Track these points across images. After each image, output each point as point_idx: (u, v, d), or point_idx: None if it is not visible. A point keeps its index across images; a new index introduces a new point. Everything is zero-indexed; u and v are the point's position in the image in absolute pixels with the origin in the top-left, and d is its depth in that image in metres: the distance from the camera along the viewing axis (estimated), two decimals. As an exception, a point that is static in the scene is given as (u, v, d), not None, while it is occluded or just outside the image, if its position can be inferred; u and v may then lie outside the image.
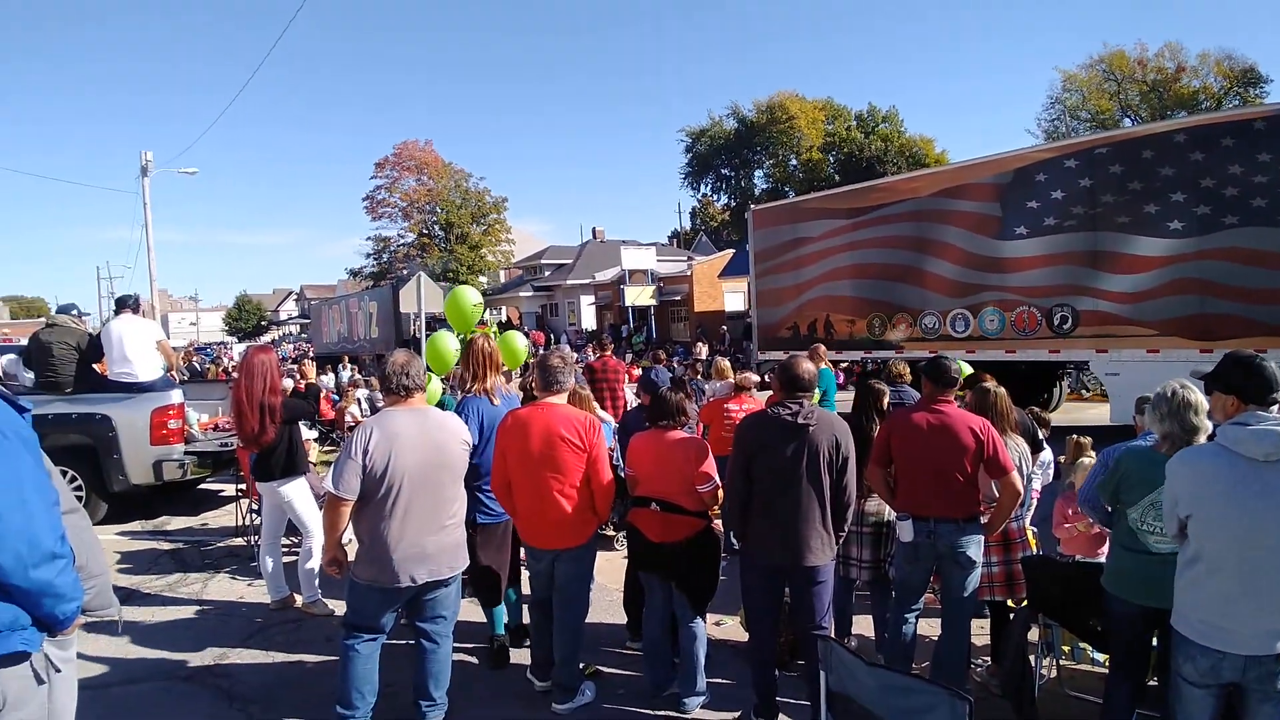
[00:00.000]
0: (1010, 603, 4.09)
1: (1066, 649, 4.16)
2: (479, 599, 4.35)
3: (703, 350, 25.04)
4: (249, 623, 5.01)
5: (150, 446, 7.19)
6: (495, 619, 4.33)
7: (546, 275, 43.51)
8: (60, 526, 2.00)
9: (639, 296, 32.10)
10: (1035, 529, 4.64)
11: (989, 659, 4.16)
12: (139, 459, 7.19)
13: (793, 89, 49.76)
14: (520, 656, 4.28)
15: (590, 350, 23.23)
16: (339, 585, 3.78)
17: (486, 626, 4.37)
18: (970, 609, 3.70)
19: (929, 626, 4.18)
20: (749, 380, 6.65)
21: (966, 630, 3.71)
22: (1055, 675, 4.04)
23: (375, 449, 3.28)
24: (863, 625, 4.56)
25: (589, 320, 38.48)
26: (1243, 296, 8.97)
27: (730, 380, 6.97)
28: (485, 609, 4.33)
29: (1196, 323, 9.31)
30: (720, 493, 3.78)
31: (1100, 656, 4.00)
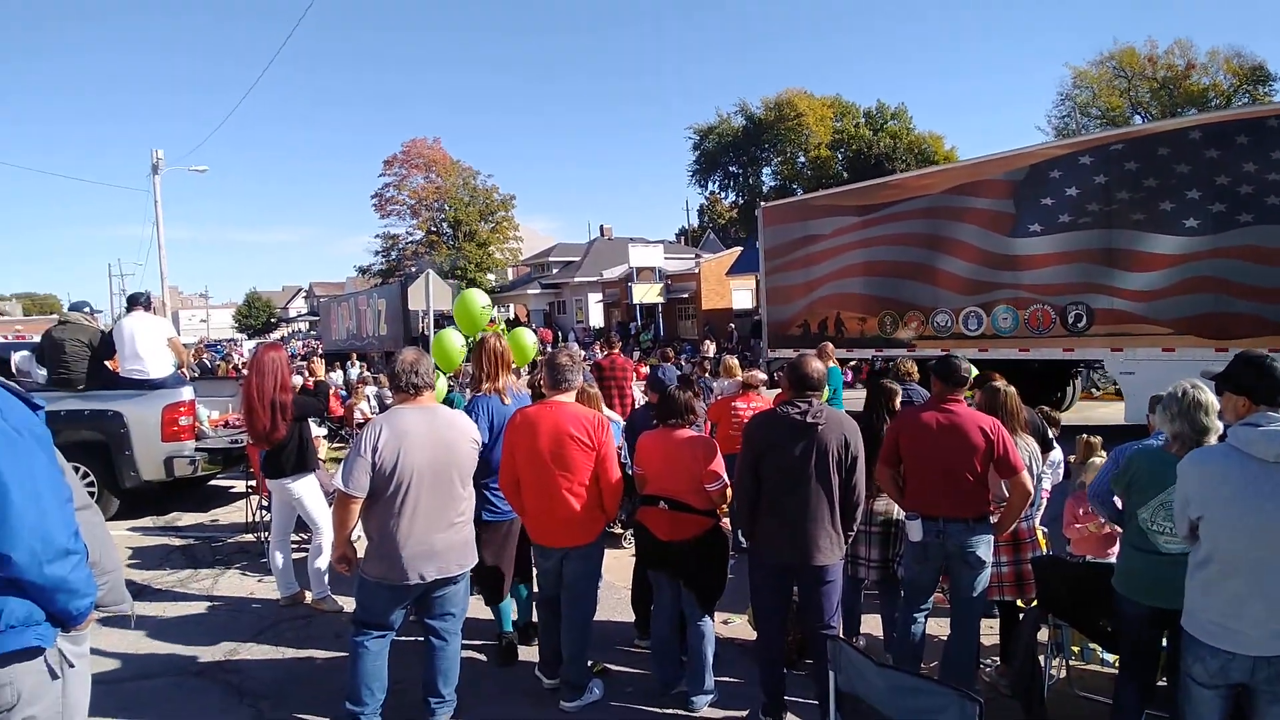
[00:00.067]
0: (1020, 603, 4.08)
1: (1076, 649, 4.14)
2: (482, 596, 4.37)
3: (710, 348, 25.03)
4: (259, 619, 5.04)
5: (161, 443, 7.24)
6: (503, 616, 4.34)
7: (554, 273, 43.58)
8: (74, 523, 2.02)
9: (647, 294, 32.09)
10: (1045, 529, 4.62)
11: (998, 659, 4.15)
12: (150, 455, 7.24)
13: (801, 86, 49.65)
14: (529, 654, 4.29)
15: (598, 348, 23.25)
16: (348, 582, 3.79)
17: (495, 624, 4.38)
18: (979, 609, 3.68)
19: (938, 626, 4.16)
20: (756, 378, 6.64)
21: (975, 630, 3.70)
22: (1064, 675, 4.02)
23: (384, 447, 3.30)
24: (871, 624, 4.55)
25: (596, 318, 38.51)
26: (1258, 295, 8.88)
27: (738, 378, 6.97)
28: (490, 606, 4.35)
29: (1212, 321, 9.21)
30: (728, 491, 3.78)
31: (1110, 657, 3.98)
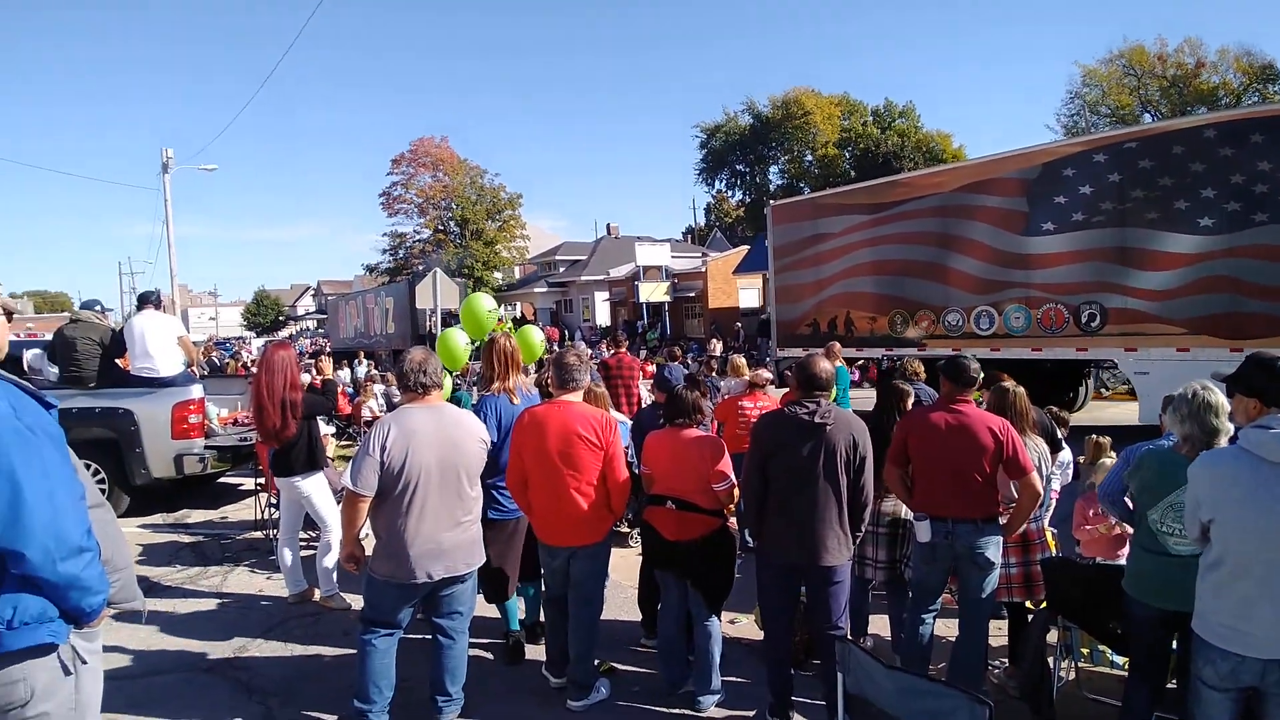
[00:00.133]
0: (1029, 604, 4.06)
1: (1085, 651, 4.12)
2: (485, 594, 4.37)
3: (716, 347, 25.01)
4: (268, 616, 5.07)
5: (171, 440, 7.29)
6: (510, 615, 4.35)
7: (561, 271, 43.59)
8: (86, 521, 2.03)
9: (653, 293, 32.09)
10: (1055, 530, 4.60)
11: (1006, 660, 4.13)
12: (160, 453, 7.29)
13: (808, 85, 49.47)
14: (535, 653, 4.30)
15: (605, 347, 23.24)
16: (356, 579, 3.81)
17: (502, 622, 4.39)
18: (988, 610, 3.67)
19: (946, 627, 4.15)
20: (761, 377, 6.63)
21: (984, 632, 3.68)
22: (1073, 677, 4.00)
23: (393, 446, 3.31)
24: (878, 625, 4.54)
25: (603, 316, 38.50)
26: (1273, 295, 8.81)
27: (745, 378, 6.96)
28: (496, 604, 4.35)
29: (1226, 321, 9.15)
30: (736, 491, 3.77)
31: (1119, 659, 3.96)
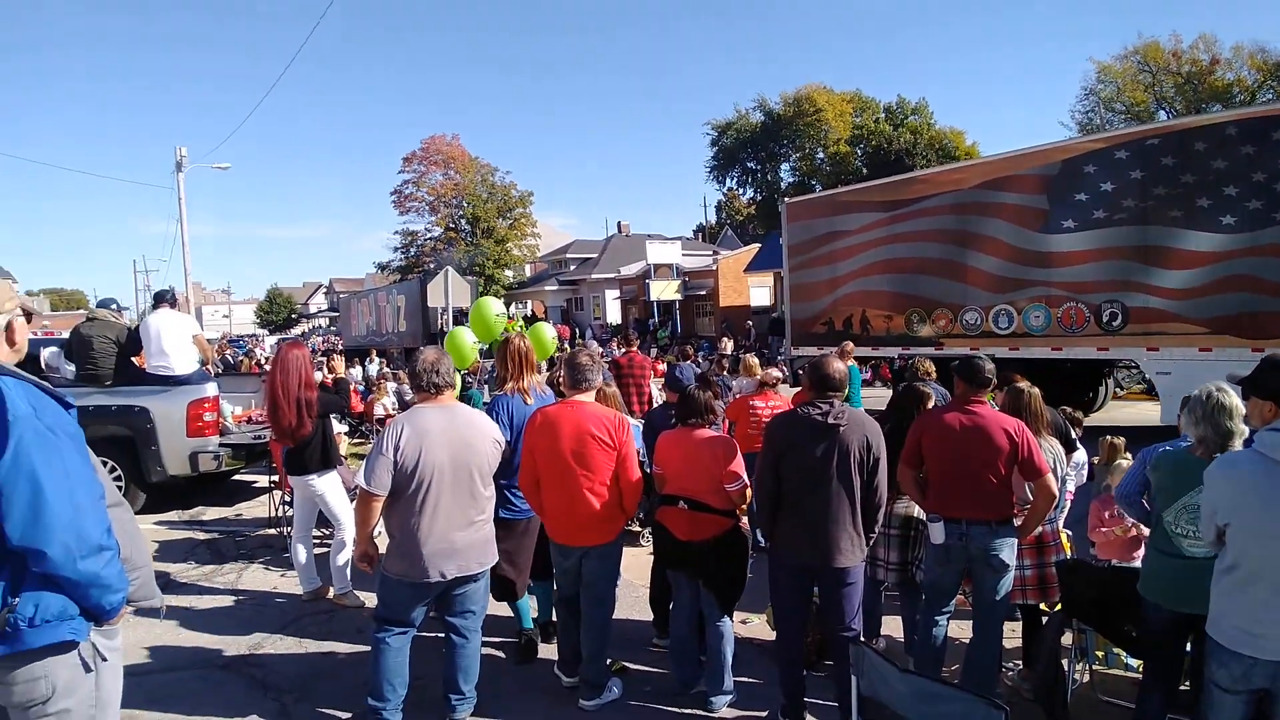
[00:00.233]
0: (1043, 606, 4.04)
1: (1100, 654, 4.09)
2: (493, 593, 4.38)
3: (728, 345, 24.95)
4: (283, 613, 5.11)
5: (187, 438, 7.34)
6: (523, 614, 4.36)
7: (572, 269, 43.64)
8: (106, 520, 2.06)
9: (664, 291, 32.06)
10: (1070, 532, 4.57)
11: (1020, 662, 4.11)
12: (176, 450, 7.35)
13: (820, 82, 49.21)
14: (548, 652, 4.31)
15: (616, 345, 23.23)
16: (370, 577, 3.83)
17: (514, 621, 4.41)
18: (1002, 612, 3.65)
19: (960, 629, 4.13)
20: (771, 376, 6.62)
21: (998, 634, 3.66)
22: (1088, 680, 3.98)
23: (406, 445, 3.32)
24: (891, 626, 4.53)
25: (614, 314, 38.52)
26: None
27: (757, 377, 6.95)
28: (509, 604, 4.36)
29: (1248, 321, 9.03)
30: (748, 491, 3.77)
31: (1134, 662, 3.93)
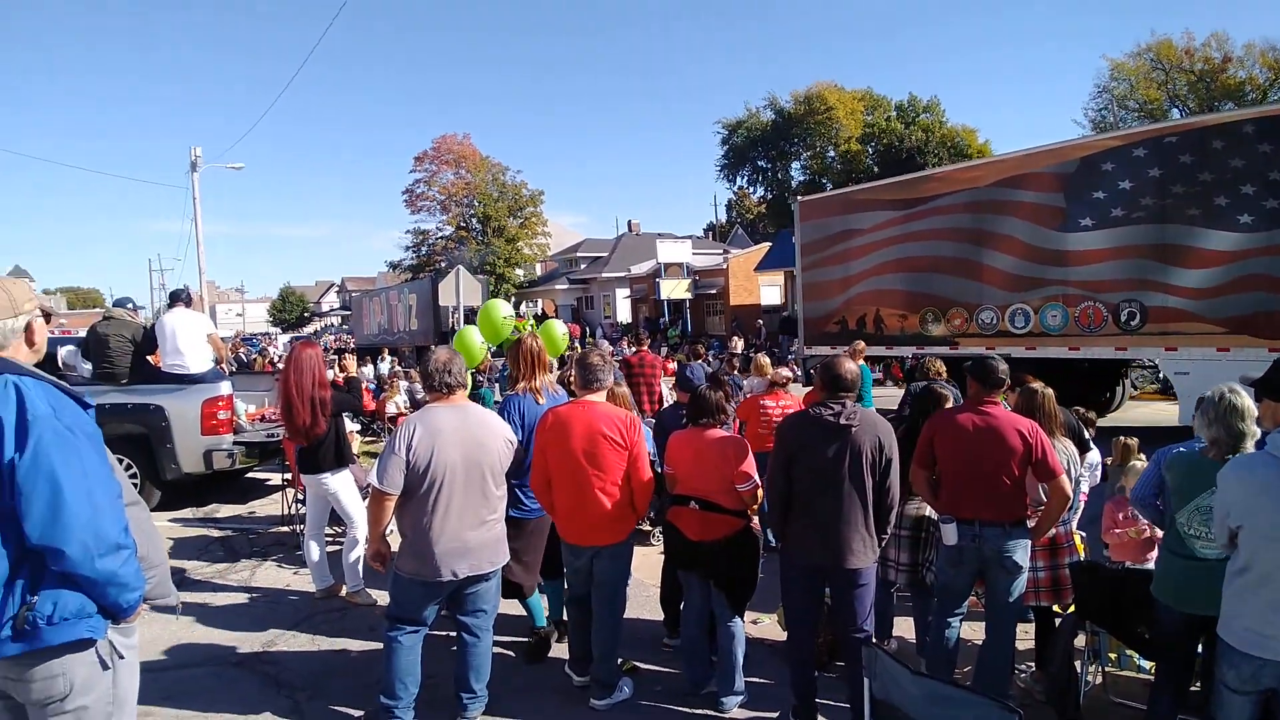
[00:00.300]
0: (1056, 608, 4.01)
1: (1113, 656, 4.07)
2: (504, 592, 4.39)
3: (738, 344, 24.90)
4: (296, 610, 5.14)
5: (201, 436, 7.41)
6: (535, 612, 4.37)
7: (582, 268, 43.70)
8: (124, 519, 2.08)
9: (674, 290, 32.05)
10: (1083, 533, 4.54)
11: (1033, 664, 4.09)
12: (190, 448, 7.42)
13: (831, 80, 49.02)
14: (559, 651, 4.32)
15: (626, 344, 23.20)
16: (382, 575, 3.85)
17: (526, 620, 4.42)
18: (1015, 614, 3.63)
19: (972, 630, 4.11)
20: (782, 376, 6.60)
21: (1011, 636, 3.64)
22: (1100, 682, 3.95)
23: (418, 445, 3.34)
24: (903, 627, 4.51)
25: (624, 313, 38.54)
26: None
27: (768, 377, 6.93)
28: (521, 602, 4.37)
29: (1266, 321, 8.92)
30: (760, 492, 3.76)
31: (1146, 663, 3.90)
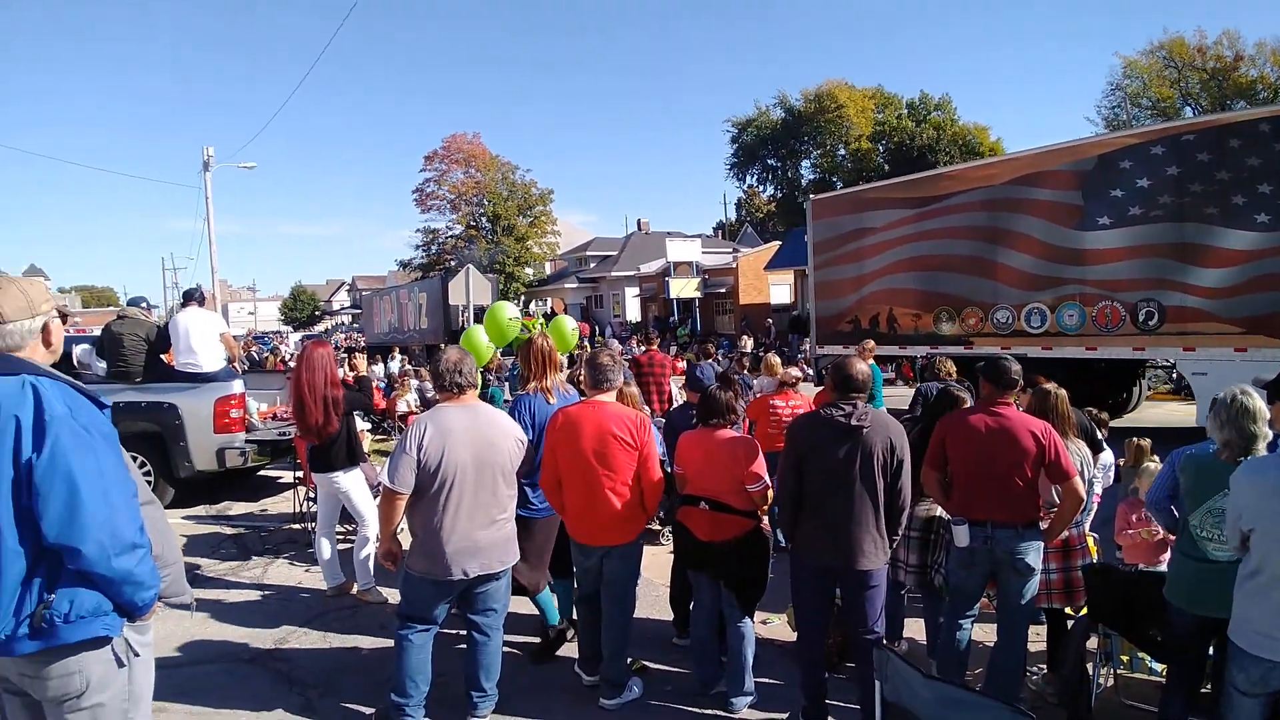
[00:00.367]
0: (1068, 610, 3.99)
1: (1125, 658, 4.04)
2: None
3: (748, 343, 24.88)
4: (307, 608, 5.17)
5: (214, 434, 7.46)
6: (548, 610, 4.36)
7: (591, 267, 43.71)
8: (139, 518, 2.10)
9: (684, 289, 32.02)
10: (1096, 535, 4.51)
11: (1044, 666, 4.06)
12: (203, 446, 7.47)
13: (842, 77, 48.74)
14: (568, 650, 4.33)
15: (636, 343, 23.18)
16: (392, 574, 3.87)
17: (536, 619, 4.42)
18: (1028, 617, 3.61)
19: (983, 632, 4.09)
20: (791, 376, 6.60)
21: (1023, 638, 3.62)
22: (1112, 684, 3.93)
23: (429, 444, 3.36)
24: (913, 629, 4.49)
25: (633, 312, 38.54)
26: None
27: (778, 376, 6.93)
28: (533, 601, 4.38)
29: None
30: (770, 493, 3.75)
31: (1158, 666, 3.88)
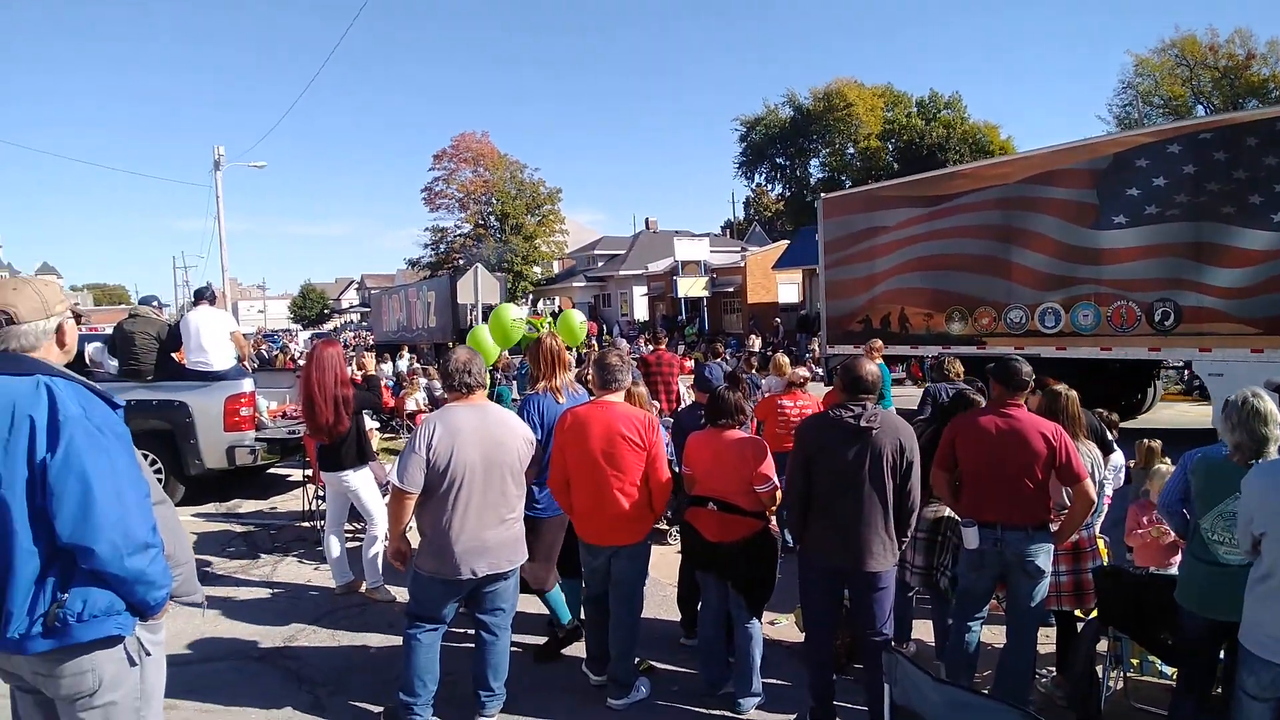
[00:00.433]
0: (1078, 612, 3.97)
1: (1135, 661, 4.02)
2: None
3: (756, 342, 24.81)
4: (316, 606, 5.20)
5: (224, 433, 7.51)
6: (558, 608, 4.36)
7: (599, 265, 43.73)
8: (152, 518, 2.11)
9: (692, 288, 31.98)
10: (1106, 537, 4.48)
11: (1054, 669, 4.04)
12: (213, 444, 7.51)
13: (851, 76, 48.47)
14: (576, 650, 4.33)
15: (644, 342, 23.16)
16: (400, 573, 3.88)
17: (544, 619, 4.43)
18: (1037, 619, 3.59)
19: (992, 634, 4.08)
20: (798, 375, 6.58)
21: (1033, 640, 3.61)
22: (1121, 687, 3.91)
23: (438, 443, 3.37)
24: (921, 630, 4.48)
25: (641, 311, 38.53)
26: None
27: (787, 376, 6.91)
28: (543, 600, 4.38)
29: None
30: (778, 493, 3.75)
31: (1168, 669, 3.86)
